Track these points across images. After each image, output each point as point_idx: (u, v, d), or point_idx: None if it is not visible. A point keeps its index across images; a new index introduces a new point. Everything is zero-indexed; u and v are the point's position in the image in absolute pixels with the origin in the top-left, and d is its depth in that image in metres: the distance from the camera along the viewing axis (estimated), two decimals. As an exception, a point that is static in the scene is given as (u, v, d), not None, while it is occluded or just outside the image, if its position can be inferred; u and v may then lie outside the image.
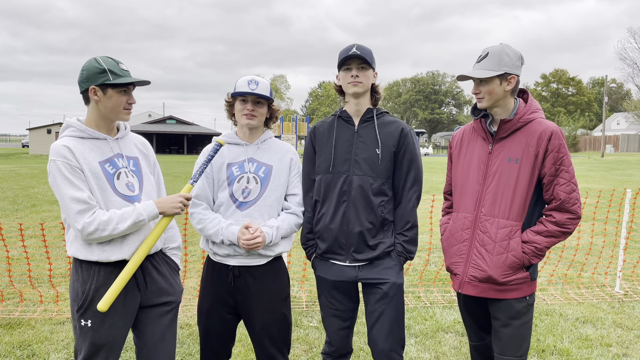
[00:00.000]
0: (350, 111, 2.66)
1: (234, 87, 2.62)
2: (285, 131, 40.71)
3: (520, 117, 2.43)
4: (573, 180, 2.38)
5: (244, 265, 2.59)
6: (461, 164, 2.62)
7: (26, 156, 42.12)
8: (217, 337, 2.68)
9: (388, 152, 2.58)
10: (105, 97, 2.28)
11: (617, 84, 61.22)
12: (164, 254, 2.55)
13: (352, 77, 2.55)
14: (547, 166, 2.37)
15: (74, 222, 2.19)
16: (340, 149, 2.63)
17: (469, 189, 2.54)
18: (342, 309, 2.70)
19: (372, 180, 2.57)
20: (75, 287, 2.33)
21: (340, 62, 2.58)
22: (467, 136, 2.64)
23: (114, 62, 2.30)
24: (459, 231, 2.55)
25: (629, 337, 4.29)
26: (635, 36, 54.99)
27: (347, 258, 2.62)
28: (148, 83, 2.41)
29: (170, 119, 56.32)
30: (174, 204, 2.35)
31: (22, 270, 5.99)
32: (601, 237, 7.58)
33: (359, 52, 2.52)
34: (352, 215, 2.58)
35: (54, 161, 2.21)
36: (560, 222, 2.38)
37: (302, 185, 2.76)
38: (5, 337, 4.16)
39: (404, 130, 2.61)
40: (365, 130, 2.62)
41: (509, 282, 2.42)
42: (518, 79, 2.44)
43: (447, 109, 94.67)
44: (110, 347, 2.35)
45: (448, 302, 5.17)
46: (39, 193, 14.11)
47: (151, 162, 2.56)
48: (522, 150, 2.40)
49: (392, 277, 2.59)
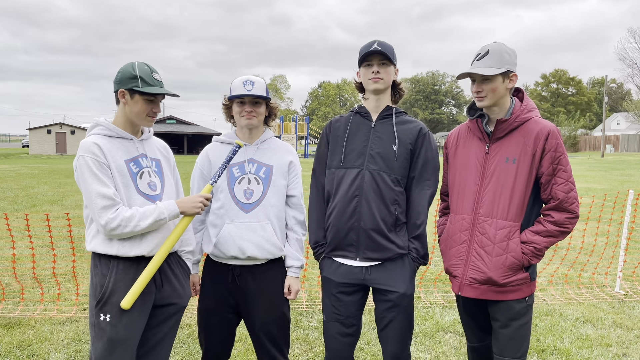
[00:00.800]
0: (369, 107, 2.62)
1: (230, 89, 2.63)
2: (285, 131, 40.74)
3: (516, 116, 2.42)
4: (571, 179, 2.37)
5: (244, 265, 2.60)
6: (457, 164, 2.60)
7: (26, 156, 42.12)
8: (217, 337, 2.68)
9: (405, 150, 2.53)
10: (132, 102, 2.37)
11: (617, 84, 61.23)
12: (179, 256, 2.58)
13: (373, 73, 2.51)
14: (545, 166, 2.36)
15: (98, 217, 2.24)
16: (356, 143, 2.58)
17: (467, 190, 2.52)
18: (345, 314, 2.59)
19: (387, 175, 2.51)
20: (94, 282, 2.37)
21: (361, 58, 2.53)
22: (462, 136, 2.63)
23: (149, 70, 2.37)
24: (457, 233, 2.53)
25: (629, 337, 4.29)
26: (635, 36, 55.07)
27: (357, 256, 2.54)
28: (177, 96, 2.53)
29: (170, 119, 56.31)
30: (194, 203, 2.38)
31: (23, 269, 5.99)
32: (603, 238, 7.58)
33: (380, 47, 2.48)
34: (364, 210, 2.50)
35: (83, 157, 2.28)
36: (559, 222, 2.37)
37: (312, 182, 2.73)
38: (5, 337, 4.16)
39: (422, 130, 2.57)
40: (382, 126, 2.58)
41: (509, 284, 2.41)
42: (517, 76, 2.44)
43: (447, 109, 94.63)
44: (127, 345, 2.35)
45: (448, 302, 5.17)
46: (39, 193, 14.11)
47: (171, 165, 2.63)
48: (519, 150, 2.39)
49: (402, 287, 2.52)
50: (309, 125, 45.47)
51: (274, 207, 2.61)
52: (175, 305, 2.50)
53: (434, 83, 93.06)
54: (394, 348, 2.58)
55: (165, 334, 2.50)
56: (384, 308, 2.55)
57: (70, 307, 4.88)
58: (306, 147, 44.48)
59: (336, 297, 2.60)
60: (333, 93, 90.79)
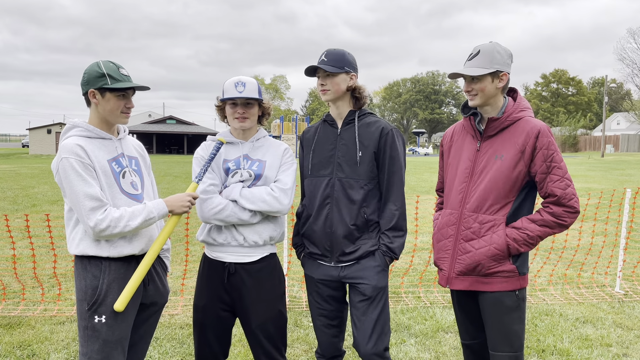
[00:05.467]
0: (333, 114, 2.73)
1: (222, 91, 2.65)
2: (285, 131, 40.73)
3: (508, 115, 2.46)
4: (566, 175, 2.40)
5: (239, 262, 2.62)
6: (451, 161, 2.67)
7: (26, 156, 42.13)
8: (213, 333, 2.69)
9: (368, 154, 2.61)
10: (104, 101, 2.35)
11: (617, 84, 61.20)
12: (159, 255, 2.60)
13: (319, 85, 2.64)
14: (538, 164, 2.39)
15: (86, 219, 2.22)
16: (324, 152, 2.69)
17: (456, 185, 2.58)
18: (328, 308, 2.75)
19: (354, 182, 2.61)
20: (84, 284, 2.33)
21: (308, 72, 2.65)
22: (457, 134, 2.69)
23: (115, 67, 2.36)
24: (445, 227, 2.60)
25: (629, 337, 4.29)
26: (634, 36, 54.96)
27: (332, 260, 2.67)
28: (147, 89, 2.48)
29: (170, 119, 56.33)
30: (182, 202, 2.41)
31: (23, 269, 5.99)
32: (601, 237, 7.58)
33: (326, 59, 2.58)
34: (335, 217, 2.62)
35: (66, 158, 2.24)
36: (556, 214, 2.40)
37: (301, 189, 2.83)
38: (5, 337, 4.16)
39: (384, 130, 2.63)
40: (347, 132, 2.67)
41: (494, 274, 2.45)
42: (509, 76, 2.47)
43: (447, 109, 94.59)
44: (122, 345, 2.37)
45: (448, 302, 5.17)
46: (39, 193, 14.11)
47: (147, 164, 2.64)
48: (508, 147, 2.43)
49: (373, 279, 2.62)
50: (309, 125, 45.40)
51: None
52: (157, 304, 2.57)
53: (434, 83, 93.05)
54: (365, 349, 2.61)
55: (145, 332, 2.57)
56: (356, 301, 2.66)
57: (70, 307, 4.88)
58: (306, 147, 44.34)
59: (318, 293, 2.76)
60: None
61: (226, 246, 2.63)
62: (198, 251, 7.03)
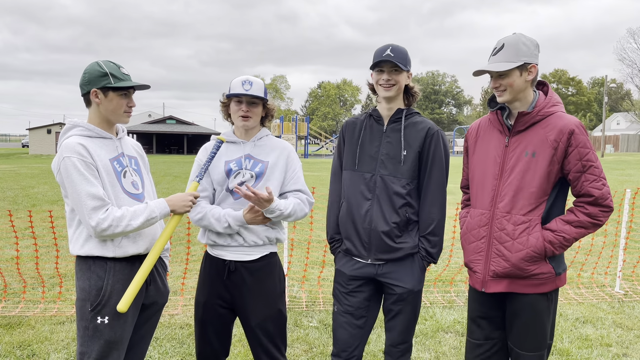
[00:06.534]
0: (381, 111, 2.68)
1: (229, 88, 2.67)
2: (285, 131, 40.74)
3: (539, 110, 2.37)
4: (602, 175, 2.33)
5: (239, 260, 2.63)
6: (477, 157, 2.57)
7: (26, 156, 42.11)
8: (213, 331, 2.70)
9: (413, 153, 2.58)
10: (107, 100, 2.34)
11: (617, 84, 61.12)
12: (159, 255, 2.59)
13: (384, 80, 2.55)
14: (572, 162, 2.32)
15: (88, 218, 2.20)
16: (367, 147, 2.65)
17: (486, 183, 2.49)
18: (355, 305, 2.68)
19: (396, 180, 2.58)
20: (88, 285, 2.32)
21: (373, 64, 2.56)
22: (483, 128, 2.59)
23: (116, 66, 2.36)
24: (476, 228, 2.51)
25: (629, 337, 4.30)
26: (634, 36, 54.90)
27: (369, 257, 2.63)
28: (148, 87, 2.48)
29: (170, 119, 56.29)
30: (184, 202, 2.41)
31: (23, 269, 5.99)
32: (601, 237, 7.58)
33: (392, 54, 2.50)
34: (375, 213, 2.59)
35: (68, 157, 2.22)
36: (592, 214, 2.34)
37: (332, 180, 2.82)
38: (5, 337, 4.16)
39: (430, 131, 2.60)
40: (393, 130, 2.63)
41: (532, 276, 2.38)
42: (537, 68, 2.38)
43: (447, 109, 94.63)
44: (122, 345, 2.37)
45: (448, 302, 5.17)
46: (39, 193, 14.11)
47: (146, 164, 2.64)
48: (539, 143, 2.34)
49: (410, 283, 2.62)
50: (309, 125, 45.46)
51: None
52: (157, 304, 2.56)
53: (434, 83, 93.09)
54: (397, 337, 2.69)
55: (146, 332, 2.57)
56: (391, 301, 2.66)
57: (70, 307, 4.88)
58: (306, 147, 44.48)
59: (347, 288, 2.70)
60: (333, 93, 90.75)
61: (227, 246, 2.64)
62: (199, 251, 7.03)
